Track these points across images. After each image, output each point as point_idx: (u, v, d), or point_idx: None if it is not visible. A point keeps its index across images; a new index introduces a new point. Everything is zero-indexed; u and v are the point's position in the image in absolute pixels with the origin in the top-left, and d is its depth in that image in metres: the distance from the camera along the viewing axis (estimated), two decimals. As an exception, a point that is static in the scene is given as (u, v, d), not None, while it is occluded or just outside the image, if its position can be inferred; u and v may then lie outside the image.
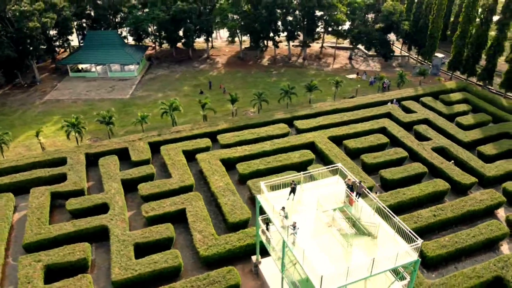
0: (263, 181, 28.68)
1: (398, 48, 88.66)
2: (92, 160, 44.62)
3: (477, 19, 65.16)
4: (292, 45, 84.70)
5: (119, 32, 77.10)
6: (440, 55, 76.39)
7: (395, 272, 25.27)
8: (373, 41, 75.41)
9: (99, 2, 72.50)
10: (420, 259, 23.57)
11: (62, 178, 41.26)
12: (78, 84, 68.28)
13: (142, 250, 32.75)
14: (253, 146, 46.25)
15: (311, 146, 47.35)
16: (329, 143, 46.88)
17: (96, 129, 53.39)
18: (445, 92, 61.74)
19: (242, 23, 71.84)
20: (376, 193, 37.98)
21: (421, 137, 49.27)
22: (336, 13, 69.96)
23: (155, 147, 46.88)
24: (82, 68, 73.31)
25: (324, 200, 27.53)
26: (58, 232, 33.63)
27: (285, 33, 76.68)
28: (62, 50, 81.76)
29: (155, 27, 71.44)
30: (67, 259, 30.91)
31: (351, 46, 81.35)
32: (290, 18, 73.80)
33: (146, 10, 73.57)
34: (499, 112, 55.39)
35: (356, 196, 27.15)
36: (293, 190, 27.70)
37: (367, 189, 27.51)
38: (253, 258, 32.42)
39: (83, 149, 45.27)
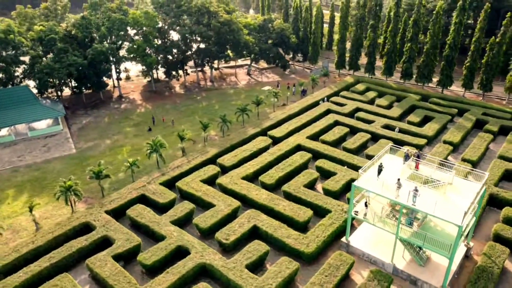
0: (360, 170, 34.90)
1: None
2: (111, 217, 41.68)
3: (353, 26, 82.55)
4: (193, 71, 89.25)
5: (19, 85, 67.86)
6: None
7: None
8: (271, 55, 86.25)
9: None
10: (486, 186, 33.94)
11: (104, 241, 37.99)
12: (-2, 152, 58.38)
13: (250, 270, 34.43)
14: (257, 160, 50.47)
15: (298, 148, 54.21)
16: (311, 142, 54.78)
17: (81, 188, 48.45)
18: (351, 86, 76.77)
19: (160, 56, 72.72)
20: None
21: (366, 121, 61.60)
22: (244, 36, 77.92)
23: (166, 186, 46.46)
24: (-14, 134, 62.31)
25: (402, 171, 35.58)
26: (164, 285, 32.31)
27: (197, 61, 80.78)
28: None
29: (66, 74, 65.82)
30: (200, 302, 30.69)
31: (249, 63, 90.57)
32: (203, 45, 78.23)
33: (49, 57, 67.13)
34: (396, 92, 72.72)
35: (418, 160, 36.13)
36: (380, 171, 34.76)
37: (425, 154, 36.68)
38: (343, 239, 37.95)
39: (98, 209, 41.76)
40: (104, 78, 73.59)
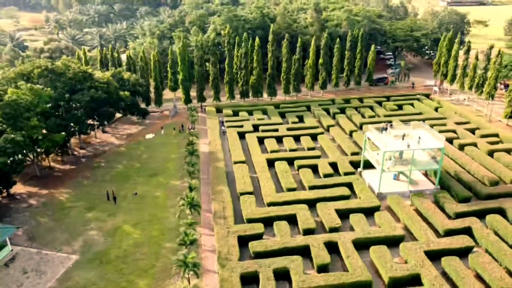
0: (381, 145, 55.80)
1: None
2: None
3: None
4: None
5: None
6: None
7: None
8: (133, 108, 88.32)
9: None
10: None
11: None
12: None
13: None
14: (261, 178, 61.46)
15: (269, 161, 67.34)
16: (269, 154, 69.49)
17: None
18: (218, 113, 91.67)
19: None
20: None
21: (273, 131, 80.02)
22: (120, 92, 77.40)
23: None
24: None
25: (395, 136, 59.29)
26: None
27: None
28: None
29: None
30: None
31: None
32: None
33: None
34: (255, 108, 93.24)
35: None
36: (382, 130, 57.21)
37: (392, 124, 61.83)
38: (377, 190, 57.99)
39: (230, 262, 44.01)
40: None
